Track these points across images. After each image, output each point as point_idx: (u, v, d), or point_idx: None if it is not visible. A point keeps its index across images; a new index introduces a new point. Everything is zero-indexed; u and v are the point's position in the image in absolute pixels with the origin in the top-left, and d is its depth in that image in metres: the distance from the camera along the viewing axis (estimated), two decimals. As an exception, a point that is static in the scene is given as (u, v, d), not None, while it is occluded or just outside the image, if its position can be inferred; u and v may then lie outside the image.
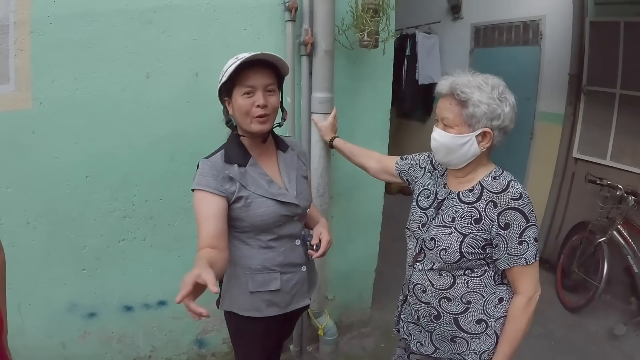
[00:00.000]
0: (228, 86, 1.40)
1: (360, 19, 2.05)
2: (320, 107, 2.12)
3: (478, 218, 1.36)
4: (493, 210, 1.34)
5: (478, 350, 1.43)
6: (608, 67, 3.50)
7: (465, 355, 1.45)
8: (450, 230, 1.40)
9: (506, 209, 1.32)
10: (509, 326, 1.40)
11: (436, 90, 1.40)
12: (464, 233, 1.37)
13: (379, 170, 1.85)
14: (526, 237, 1.32)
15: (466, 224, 1.38)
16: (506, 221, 1.33)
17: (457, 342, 1.45)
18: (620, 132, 3.51)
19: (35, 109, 1.85)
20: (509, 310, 1.41)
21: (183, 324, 2.40)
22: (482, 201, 1.38)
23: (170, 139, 2.07)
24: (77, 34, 1.83)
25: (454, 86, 1.33)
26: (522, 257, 1.33)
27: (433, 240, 1.42)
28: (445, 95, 1.36)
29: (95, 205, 2.04)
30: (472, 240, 1.36)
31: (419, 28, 5.49)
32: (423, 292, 1.48)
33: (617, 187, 3.18)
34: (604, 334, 3.13)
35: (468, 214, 1.38)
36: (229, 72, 1.35)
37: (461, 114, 1.33)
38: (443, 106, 1.37)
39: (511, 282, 1.41)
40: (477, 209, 1.37)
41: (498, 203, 1.34)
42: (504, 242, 1.34)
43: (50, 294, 2.10)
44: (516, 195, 1.33)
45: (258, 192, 1.45)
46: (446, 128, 1.37)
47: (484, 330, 1.43)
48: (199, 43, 2.00)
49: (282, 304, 1.58)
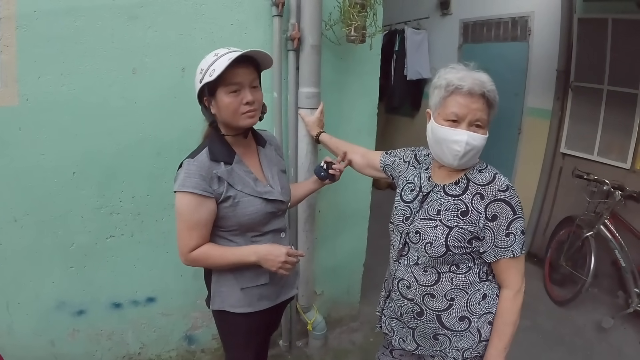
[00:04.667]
0: (211, 85, 1.35)
1: (348, 14, 2.05)
2: (307, 102, 2.12)
3: (465, 211, 1.36)
4: (480, 202, 1.34)
5: (460, 347, 1.43)
6: (596, 64, 3.54)
7: (447, 352, 1.45)
8: (436, 223, 1.38)
9: (493, 200, 1.32)
10: (498, 320, 1.40)
11: (456, 85, 1.30)
12: (450, 226, 1.36)
13: (364, 165, 1.84)
14: (513, 229, 1.32)
15: (452, 217, 1.37)
16: (494, 213, 1.32)
17: (440, 340, 1.46)
18: (607, 127, 3.55)
19: (22, 105, 1.83)
20: (498, 305, 1.41)
21: (172, 320, 2.40)
22: (468, 194, 1.37)
23: (157, 134, 2.06)
24: (63, 30, 1.82)
25: (485, 86, 1.29)
26: (509, 250, 1.33)
27: (418, 233, 1.41)
28: (474, 95, 1.29)
29: (82, 202, 2.03)
30: (458, 234, 1.35)
31: (408, 24, 5.50)
32: (407, 288, 1.47)
33: (604, 182, 3.21)
34: (591, 327, 3.17)
35: (454, 207, 1.37)
36: (218, 71, 1.30)
37: (490, 114, 1.33)
38: (476, 107, 1.30)
39: (497, 275, 1.41)
40: (464, 201, 1.37)
41: (485, 195, 1.34)
42: (492, 234, 1.33)
43: (38, 292, 2.08)
44: (503, 187, 1.33)
45: (245, 190, 1.44)
46: (477, 129, 1.32)
47: (467, 328, 1.42)
48: (186, 38, 1.99)
49: (272, 296, 1.61)
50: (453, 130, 1.32)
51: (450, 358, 1.45)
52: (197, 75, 1.39)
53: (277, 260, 1.42)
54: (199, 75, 1.37)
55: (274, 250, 1.43)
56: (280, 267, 1.43)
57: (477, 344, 1.42)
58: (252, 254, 1.44)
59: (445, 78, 1.33)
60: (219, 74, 1.30)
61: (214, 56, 1.36)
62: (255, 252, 1.44)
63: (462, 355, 1.43)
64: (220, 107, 1.39)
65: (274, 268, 1.43)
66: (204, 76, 1.35)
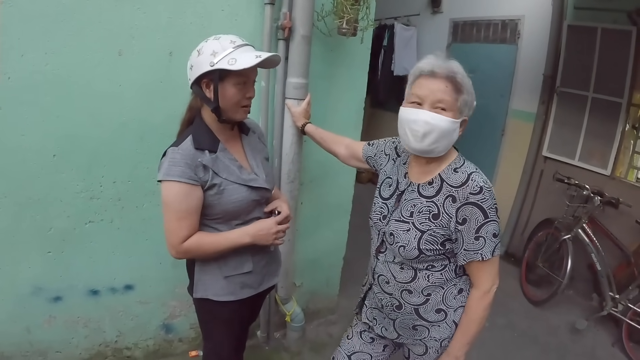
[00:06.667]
0: (223, 72, 1.32)
1: (341, 6, 2.03)
2: (295, 92, 2.10)
3: (436, 214, 1.35)
4: (452, 205, 1.33)
5: (438, 337, 1.48)
6: (582, 71, 3.60)
7: (426, 341, 1.50)
8: (409, 226, 1.39)
9: (465, 204, 1.31)
10: (464, 316, 1.44)
11: (422, 69, 1.32)
12: (422, 230, 1.36)
13: (348, 156, 1.83)
14: (483, 232, 1.31)
15: (424, 220, 1.37)
16: (464, 216, 1.31)
17: (419, 330, 1.50)
18: (590, 134, 3.62)
19: (3, 83, 1.77)
20: (466, 302, 1.45)
21: (150, 308, 2.37)
22: (441, 195, 1.36)
23: (141, 119, 2.02)
24: (49, 7, 1.75)
25: (451, 69, 1.29)
26: (478, 253, 1.33)
27: (392, 235, 1.42)
28: (438, 77, 1.29)
29: (62, 186, 1.98)
30: (430, 237, 1.36)
31: (398, 19, 5.50)
32: (387, 283, 1.50)
33: (584, 187, 3.28)
34: (565, 327, 3.24)
35: (427, 209, 1.37)
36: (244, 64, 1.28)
37: (457, 99, 1.30)
38: (437, 88, 1.29)
39: (469, 275, 1.44)
40: (436, 203, 1.36)
41: (457, 197, 1.32)
42: (462, 237, 1.34)
43: (14, 277, 2.03)
44: (475, 189, 1.30)
45: (230, 178, 1.43)
46: (441, 112, 1.29)
47: (444, 319, 1.47)
48: (175, 22, 1.94)
49: (255, 284, 1.61)
50: (412, 109, 1.32)
51: (430, 348, 1.50)
52: (204, 55, 1.32)
53: (270, 232, 1.48)
54: (210, 57, 1.31)
55: (263, 225, 1.48)
56: (275, 237, 1.50)
57: (452, 332, 1.47)
58: (244, 235, 1.45)
59: (416, 66, 1.35)
60: (244, 68, 1.28)
61: (230, 43, 1.32)
62: (246, 233, 1.46)
63: (440, 345, 1.49)
64: (224, 96, 1.36)
65: (270, 241, 1.49)
66: (220, 60, 1.30)
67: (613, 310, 3.07)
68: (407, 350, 1.58)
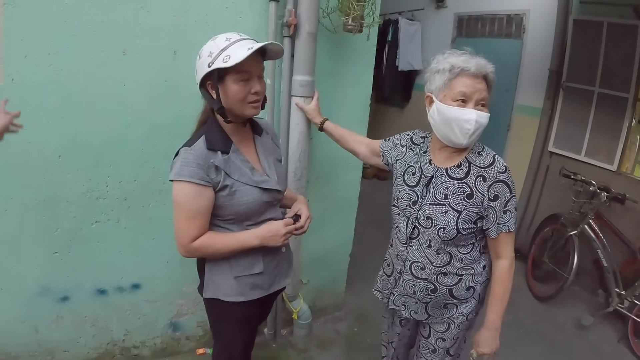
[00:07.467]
0: (222, 71, 1.31)
1: (346, 2, 2.01)
2: (301, 90, 2.09)
3: (470, 194, 1.45)
4: (483, 184, 1.44)
5: (465, 312, 1.61)
6: (588, 65, 3.56)
7: (454, 318, 1.63)
8: (446, 208, 1.47)
9: (495, 181, 1.43)
10: (498, 288, 1.54)
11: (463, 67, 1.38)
12: (459, 210, 1.46)
13: (369, 155, 1.88)
14: (510, 206, 1.45)
15: (460, 200, 1.46)
16: (495, 193, 1.43)
17: (449, 308, 1.62)
18: (596, 129, 3.59)
19: (7, 85, 1.76)
20: (496, 274, 1.55)
21: (157, 307, 2.37)
22: (471, 176, 1.46)
23: (146, 118, 2.01)
24: (52, 7, 1.74)
25: (486, 67, 1.39)
26: (506, 225, 1.46)
27: (429, 219, 1.49)
28: (479, 75, 1.39)
29: (68, 186, 1.98)
30: (466, 216, 1.46)
31: (402, 14, 5.47)
32: (422, 270, 1.57)
33: (590, 182, 3.25)
34: (571, 323, 3.23)
35: (460, 190, 1.47)
36: (236, 59, 1.26)
37: (489, 95, 1.42)
38: (482, 87, 1.40)
39: (493, 248, 1.55)
40: (468, 184, 1.46)
41: (487, 177, 1.44)
42: (494, 212, 1.45)
43: (21, 278, 2.04)
44: (502, 168, 1.44)
45: (242, 180, 1.42)
46: (482, 108, 1.41)
47: (472, 295, 1.60)
48: (179, 20, 1.93)
49: (266, 285, 1.60)
50: (463, 109, 1.39)
51: (453, 324, 1.64)
52: (203, 57, 1.33)
53: (279, 234, 1.47)
54: (207, 59, 1.31)
55: (272, 227, 1.47)
56: (285, 239, 1.49)
57: (476, 305, 1.63)
58: (253, 237, 1.45)
59: (448, 62, 1.41)
60: (236, 63, 1.26)
61: (225, 40, 1.31)
62: (255, 236, 1.45)
63: (466, 319, 1.62)
64: (227, 94, 1.35)
65: (279, 243, 1.48)
66: (215, 60, 1.29)
67: (619, 306, 3.06)
68: (428, 329, 1.70)
